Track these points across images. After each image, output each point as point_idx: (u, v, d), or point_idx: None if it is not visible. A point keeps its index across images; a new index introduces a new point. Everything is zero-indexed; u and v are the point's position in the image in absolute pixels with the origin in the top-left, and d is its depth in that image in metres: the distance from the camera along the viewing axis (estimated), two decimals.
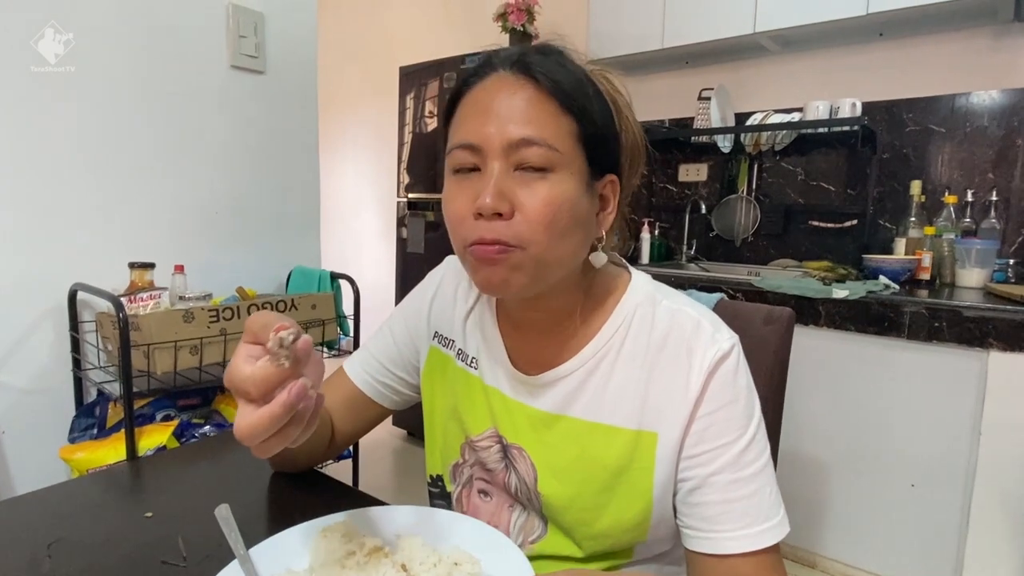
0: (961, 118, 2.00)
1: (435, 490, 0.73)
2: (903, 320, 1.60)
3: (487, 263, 0.54)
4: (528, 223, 0.52)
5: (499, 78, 0.55)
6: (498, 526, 0.67)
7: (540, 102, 0.53)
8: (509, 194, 0.53)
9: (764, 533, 0.55)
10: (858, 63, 2.20)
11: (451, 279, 0.75)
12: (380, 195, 3.97)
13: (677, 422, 0.57)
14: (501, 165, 0.53)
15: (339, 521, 0.60)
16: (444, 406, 0.72)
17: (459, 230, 0.55)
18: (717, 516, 0.56)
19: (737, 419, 0.57)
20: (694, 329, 0.59)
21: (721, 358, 0.57)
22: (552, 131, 0.53)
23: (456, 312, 0.72)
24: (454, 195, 0.56)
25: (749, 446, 0.56)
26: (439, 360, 0.73)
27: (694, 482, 0.57)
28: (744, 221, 2.43)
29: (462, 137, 0.55)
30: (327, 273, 1.56)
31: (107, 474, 0.85)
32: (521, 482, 0.64)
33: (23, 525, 0.65)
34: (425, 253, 2.72)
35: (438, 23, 3.58)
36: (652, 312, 0.61)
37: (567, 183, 0.54)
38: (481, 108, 0.54)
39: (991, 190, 1.94)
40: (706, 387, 0.57)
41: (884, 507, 1.68)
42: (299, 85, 1.70)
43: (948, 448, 1.57)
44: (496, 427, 0.66)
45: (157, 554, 0.60)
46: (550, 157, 0.53)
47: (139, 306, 1.18)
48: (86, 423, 1.25)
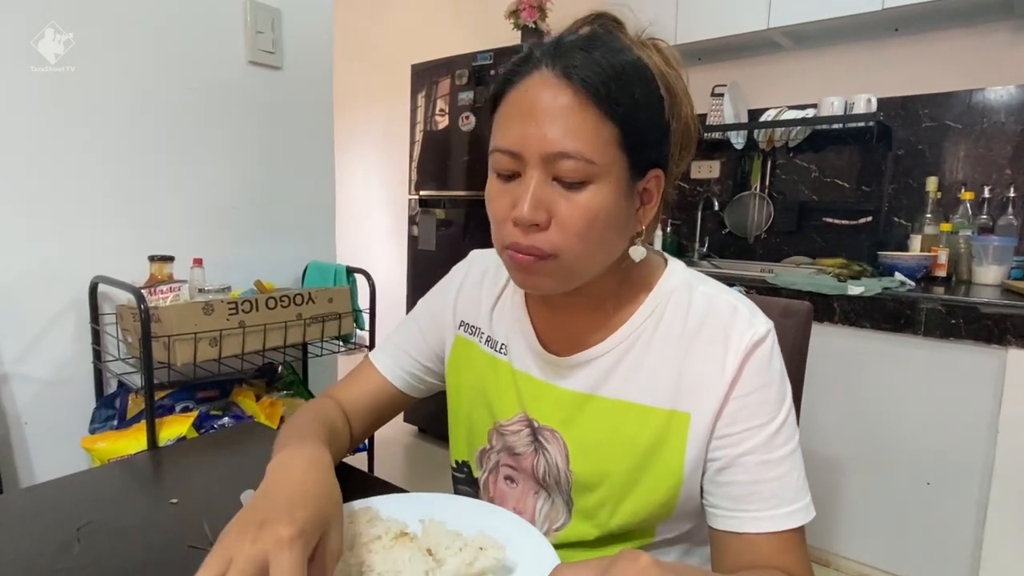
0: (978, 114, 1.98)
1: (460, 475, 0.74)
2: (919, 317, 1.59)
3: (523, 270, 0.57)
4: (563, 235, 0.54)
5: (540, 78, 0.53)
6: (523, 513, 0.67)
7: (580, 110, 0.52)
8: (547, 202, 0.53)
9: (791, 515, 0.55)
10: (873, 59, 2.18)
11: (476, 272, 0.76)
12: (391, 193, 3.98)
13: (711, 402, 0.58)
14: (539, 175, 0.53)
15: (364, 506, 0.60)
16: (471, 393, 0.72)
17: (499, 231, 0.57)
18: (745, 496, 0.56)
19: (770, 402, 0.58)
20: (731, 313, 0.60)
21: (757, 342, 0.58)
22: (590, 142, 0.52)
23: (483, 302, 0.73)
24: (495, 196, 0.57)
25: (780, 429, 0.57)
26: (465, 348, 0.74)
27: (723, 461, 0.58)
28: (757, 218, 2.42)
29: (503, 142, 0.55)
30: (343, 267, 1.57)
31: (131, 462, 0.86)
32: (551, 464, 0.65)
33: (52, 510, 0.66)
34: (436, 251, 2.73)
35: (449, 21, 3.58)
36: (688, 297, 0.62)
37: (605, 192, 0.54)
38: (521, 113, 0.54)
39: (1009, 186, 1.92)
40: (742, 369, 0.57)
41: (899, 505, 1.67)
42: (315, 81, 1.71)
43: (964, 446, 1.56)
44: (526, 411, 0.67)
45: (184, 539, 0.60)
46: (587, 170, 0.52)
47: (159, 298, 1.19)
48: (106, 414, 1.27)
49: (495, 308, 0.72)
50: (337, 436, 0.68)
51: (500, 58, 2.43)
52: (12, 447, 1.25)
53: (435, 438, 2.83)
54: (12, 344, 1.23)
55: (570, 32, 0.58)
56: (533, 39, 2.72)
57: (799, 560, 0.55)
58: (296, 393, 1.49)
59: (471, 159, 2.57)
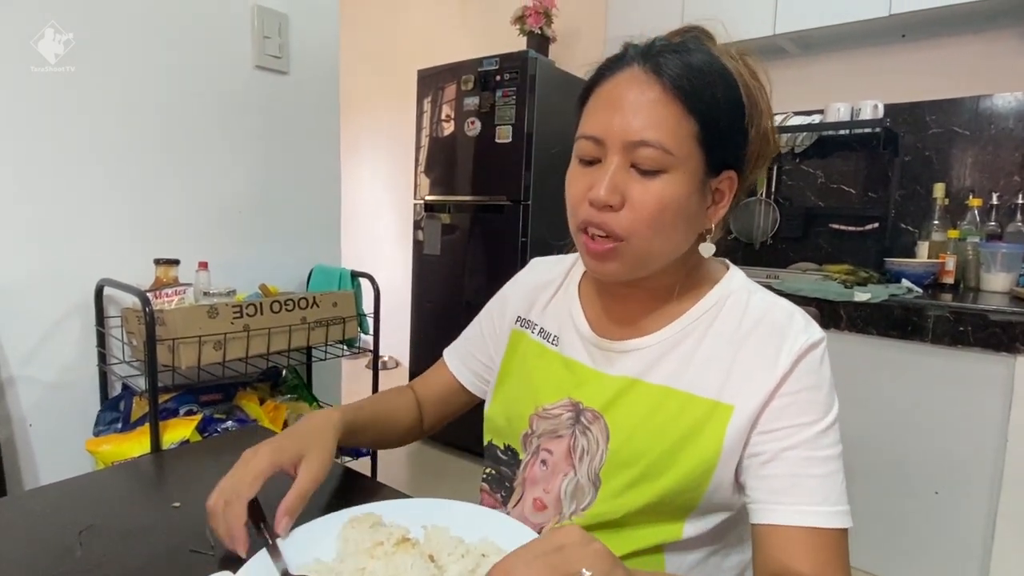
0: (985, 120, 1.98)
1: (505, 457, 0.75)
2: (927, 324, 1.58)
3: (596, 256, 0.61)
4: (635, 218, 0.58)
5: (631, 73, 0.58)
6: (548, 494, 0.69)
7: (665, 104, 0.56)
8: (622, 187, 0.58)
9: (833, 515, 0.56)
10: (880, 65, 2.18)
11: (536, 274, 0.82)
12: (396, 198, 4.00)
13: (757, 397, 0.59)
14: (619, 160, 0.58)
15: (366, 512, 0.60)
16: (518, 379, 0.76)
17: (576, 212, 0.61)
18: (786, 489, 0.57)
19: (819, 404, 0.59)
20: (787, 318, 0.62)
21: (812, 345, 0.60)
22: (671, 134, 0.56)
23: (539, 299, 0.78)
24: (575, 179, 0.62)
25: (827, 431, 0.58)
26: (518, 340, 0.78)
27: (767, 455, 0.58)
28: (763, 224, 2.42)
29: (589, 129, 0.60)
30: (348, 271, 1.57)
31: (134, 465, 0.86)
32: (590, 443, 0.67)
33: (55, 512, 0.66)
34: (441, 255, 2.73)
35: (455, 26, 3.60)
36: (746, 299, 0.65)
37: (678, 183, 0.57)
38: (610, 103, 0.58)
39: (1017, 193, 1.91)
40: (794, 367, 0.59)
41: (908, 515, 1.65)
42: (321, 86, 1.72)
43: (973, 455, 1.54)
44: (571, 396, 0.69)
45: (186, 543, 0.60)
46: (664, 160, 0.56)
47: (164, 301, 1.19)
48: (111, 417, 1.27)
49: (550, 303, 0.77)
50: (390, 416, 0.79)
51: (506, 63, 2.43)
52: (16, 449, 1.25)
53: (440, 444, 2.82)
54: (18, 346, 1.23)
55: (663, 39, 0.62)
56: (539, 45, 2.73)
57: (839, 566, 0.55)
58: (300, 397, 1.48)
59: (477, 164, 2.57)
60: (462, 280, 2.66)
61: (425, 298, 2.84)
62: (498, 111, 2.45)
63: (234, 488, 0.56)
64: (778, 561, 0.55)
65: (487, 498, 0.76)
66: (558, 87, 2.47)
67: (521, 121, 2.38)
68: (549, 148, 2.43)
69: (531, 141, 2.38)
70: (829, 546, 0.55)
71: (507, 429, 0.74)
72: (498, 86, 2.45)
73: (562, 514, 0.67)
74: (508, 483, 0.74)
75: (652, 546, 0.64)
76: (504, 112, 2.43)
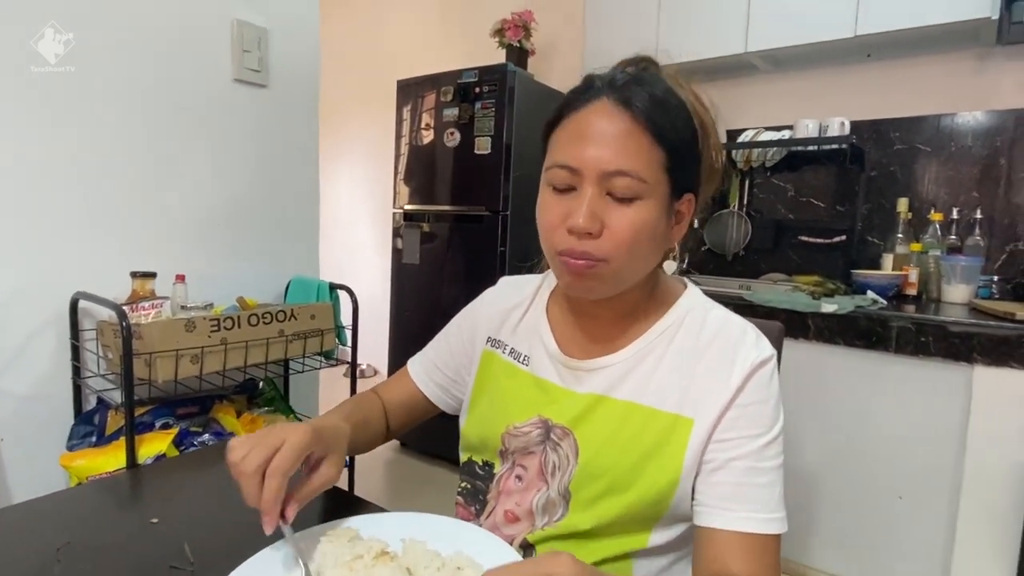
0: (946, 137, 2.06)
1: (482, 473, 0.77)
2: (890, 335, 1.63)
3: (576, 274, 0.63)
4: (613, 243, 0.61)
5: (601, 105, 0.61)
6: (520, 506, 0.71)
7: (635, 135, 0.60)
8: (600, 214, 0.61)
9: (769, 521, 0.60)
10: (847, 83, 2.25)
11: (505, 294, 0.84)
12: (375, 207, 3.99)
13: (714, 409, 0.63)
14: (595, 190, 0.61)
15: (344, 527, 0.61)
16: (490, 399, 0.77)
17: (551, 238, 0.64)
18: (730, 496, 0.61)
19: (765, 417, 0.63)
20: (740, 334, 0.67)
21: (762, 362, 0.64)
22: (643, 163, 0.60)
23: (509, 319, 0.80)
24: (549, 207, 0.64)
25: (770, 444, 0.63)
26: (490, 360, 0.80)
27: (716, 463, 0.62)
28: (736, 236, 2.47)
29: (563, 158, 0.62)
30: (326, 284, 1.58)
31: (111, 481, 0.86)
32: (561, 458, 0.69)
33: (31, 529, 0.66)
34: (420, 264, 2.74)
35: (436, 38, 3.62)
36: (704, 316, 0.69)
37: (651, 208, 0.61)
38: (583, 134, 0.61)
39: (976, 208, 1.98)
40: (746, 383, 0.63)
41: (872, 519, 1.70)
42: (301, 100, 1.72)
43: (934, 461, 1.60)
44: (540, 414, 0.71)
45: (165, 559, 0.60)
46: (638, 188, 0.60)
47: (141, 315, 1.19)
48: (85, 430, 1.26)
49: (520, 323, 0.79)
50: (368, 423, 0.80)
51: (485, 76, 2.46)
52: None
53: (418, 453, 2.83)
54: None
55: (619, 70, 0.65)
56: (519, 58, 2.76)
57: (770, 566, 0.60)
58: (277, 409, 1.48)
59: (456, 174, 2.59)
60: (441, 289, 2.68)
61: (404, 306, 2.85)
62: (477, 122, 2.48)
63: (276, 462, 0.55)
64: (718, 561, 0.60)
65: (461, 511, 0.78)
66: (537, 100, 2.50)
67: (500, 132, 2.41)
68: (527, 160, 2.46)
69: (510, 152, 2.42)
70: (765, 549, 0.60)
71: (481, 447, 0.77)
72: (477, 98, 2.48)
73: (534, 525, 0.70)
74: (482, 496, 0.76)
75: (621, 554, 0.66)
76: (483, 123, 2.46)
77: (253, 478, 0.55)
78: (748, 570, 0.58)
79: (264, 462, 0.55)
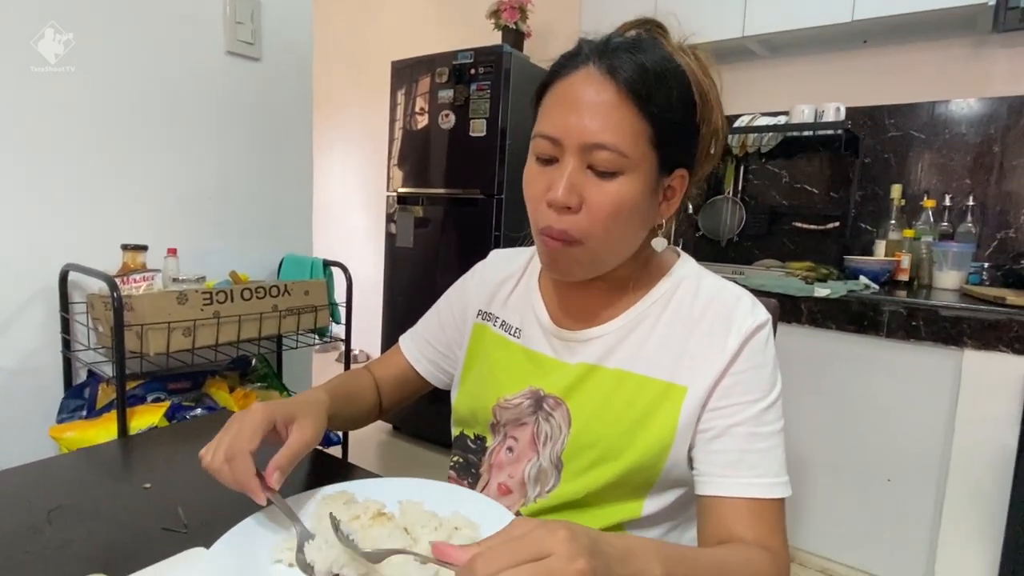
0: (940, 125, 2.06)
1: (474, 446, 0.77)
2: (882, 319, 1.65)
3: (552, 256, 0.63)
4: (591, 219, 0.59)
5: (586, 73, 0.58)
6: (513, 478, 0.71)
7: (619, 106, 0.57)
8: (579, 189, 0.59)
9: (774, 486, 0.60)
10: (843, 68, 2.25)
11: (496, 267, 0.82)
12: (369, 190, 3.97)
13: (708, 377, 0.62)
14: (575, 162, 0.58)
15: (339, 490, 0.61)
16: (480, 372, 0.77)
17: (534, 213, 0.63)
18: (732, 463, 0.60)
19: (763, 382, 0.63)
20: (735, 301, 0.65)
21: (758, 327, 0.63)
22: (626, 136, 0.57)
23: (500, 292, 0.79)
24: (533, 179, 0.62)
25: (770, 408, 0.62)
26: (481, 333, 0.79)
27: (716, 431, 0.62)
28: (730, 222, 2.48)
29: (546, 128, 0.60)
30: (319, 261, 1.56)
31: (102, 449, 0.85)
32: (553, 428, 0.69)
33: (20, 494, 0.66)
34: (414, 248, 2.73)
35: (431, 19, 3.58)
36: (697, 284, 0.68)
37: (633, 184, 0.59)
38: (566, 103, 0.59)
39: (968, 195, 2.00)
40: (742, 349, 0.62)
41: (861, 501, 1.72)
42: (294, 73, 1.70)
43: (923, 444, 1.61)
44: (532, 385, 0.71)
45: (158, 522, 0.60)
46: (620, 162, 0.57)
47: (132, 287, 1.18)
48: (75, 404, 1.24)
49: (511, 295, 0.78)
50: (356, 397, 0.79)
51: (480, 57, 2.44)
52: None
53: (409, 436, 2.83)
54: None
55: (618, 34, 0.63)
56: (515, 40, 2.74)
57: (778, 530, 0.59)
58: (270, 386, 1.48)
59: (450, 157, 2.58)
60: (434, 273, 2.67)
61: (397, 291, 2.83)
62: (472, 104, 2.46)
63: (234, 444, 0.56)
64: (725, 529, 0.59)
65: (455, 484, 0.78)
66: (532, 82, 2.43)
67: (495, 115, 2.40)
68: (522, 142, 2.45)
69: (505, 135, 2.40)
70: (770, 513, 0.59)
71: (473, 420, 0.76)
72: (473, 80, 2.46)
73: (527, 497, 0.70)
74: (475, 469, 0.76)
75: (614, 524, 0.66)
76: (478, 106, 2.44)
77: (223, 468, 0.56)
78: (755, 534, 0.57)
79: (226, 450, 0.56)
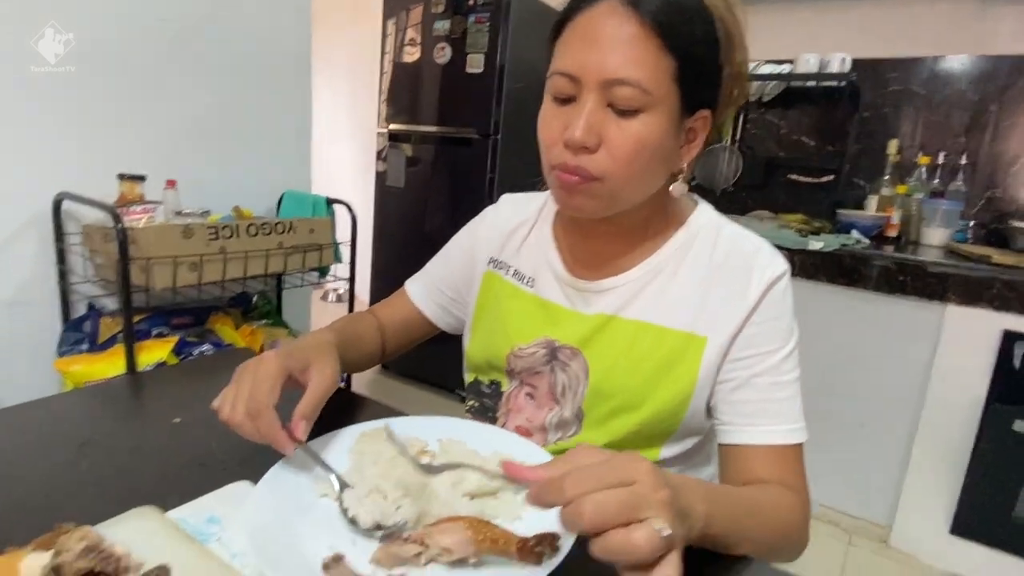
0: (941, 81, 2.06)
1: (489, 391, 0.78)
2: (871, 273, 1.69)
3: (567, 189, 0.60)
4: (611, 158, 0.57)
5: (608, 6, 0.55)
6: (532, 422, 0.72)
7: (642, 40, 0.54)
8: (598, 127, 0.56)
9: (793, 432, 0.62)
10: (848, 18, 2.21)
11: (507, 213, 0.79)
12: (357, 125, 3.83)
13: (729, 327, 0.63)
14: (595, 99, 0.56)
15: (378, 427, 0.62)
16: (492, 322, 0.76)
17: (548, 153, 0.60)
18: (755, 412, 0.62)
19: (782, 332, 0.64)
20: (755, 251, 0.65)
21: (777, 278, 0.64)
22: (649, 72, 0.54)
23: (512, 239, 0.77)
24: (549, 119, 0.60)
25: (788, 357, 0.64)
26: (493, 282, 0.77)
27: (737, 382, 0.63)
28: (726, 171, 2.47)
29: (564, 65, 0.57)
30: (322, 198, 1.53)
31: (120, 384, 0.84)
32: (571, 379, 0.69)
33: (45, 429, 0.65)
34: (405, 188, 2.67)
35: None
36: (716, 234, 0.67)
37: (655, 123, 0.56)
38: (585, 38, 0.56)
39: (962, 153, 2.02)
40: (762, 299, 0.63)
41: (834, 444, 1.81)
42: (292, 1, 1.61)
43: (899, 393, 1.70)
44: (547, 335, 0.71)
45: (194, 457, 0.60)
46: (642, 99, 0.55)
47: (132, 219, 1.14)
48: (76, 337, 1.22)
49: (524, 243, 0.76)
50: (361, 339, 0.77)
51: None
52: None
53: (400, 375, 2.85)
54: None
55: None
56: None
57: (799, 472, 0.62)
58: (274, 322, 1.47)
59: (444, 94, 2.49)
60: (425, 215, 2.63)
61: (386, 231, 2.79)
62: (470, 38, 2.36)
63: (254, 399, 0.53)
64: (750, 473, 0.61)
65: None
66: (534, 17, 2.39)
67: (494, 50, 2.31)
68: (522, 81, 2.38)
69: (503, 73, 2.32)
70: (792, 457, 0.62)
71: (487, 368, 0.77)
72: (471, 11, 2.35)
73: (547, 440, 0.72)
74: (491, 413, 0.77)
75: None
76: (476, 39, 2.35)
77: (246, 423, 0.53)
78: (776, 476, 0.60)
79: (247, 404, 0.54)
